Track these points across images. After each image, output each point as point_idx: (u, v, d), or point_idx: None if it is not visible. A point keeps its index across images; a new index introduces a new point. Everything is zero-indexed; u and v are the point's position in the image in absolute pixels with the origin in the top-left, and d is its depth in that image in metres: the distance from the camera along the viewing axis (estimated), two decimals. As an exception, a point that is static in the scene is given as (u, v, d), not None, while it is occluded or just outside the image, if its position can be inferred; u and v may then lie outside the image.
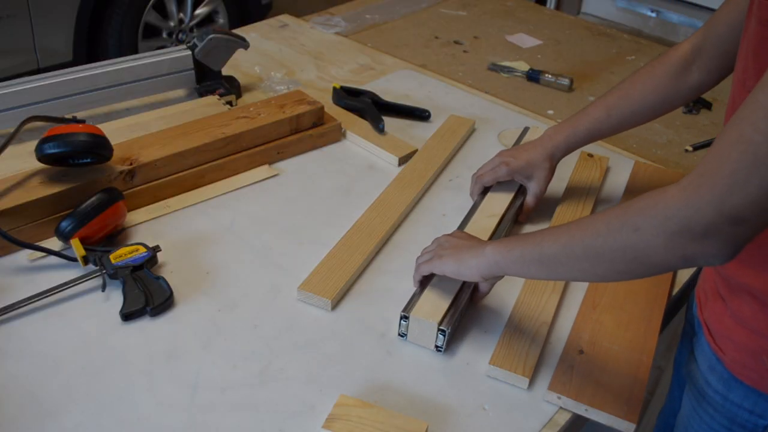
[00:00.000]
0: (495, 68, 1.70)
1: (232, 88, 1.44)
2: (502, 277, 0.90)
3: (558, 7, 3.02)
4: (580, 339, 0.94)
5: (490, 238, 1.06)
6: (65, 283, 0.97)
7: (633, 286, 1.03)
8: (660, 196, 0.69)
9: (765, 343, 0.83)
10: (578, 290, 1.03)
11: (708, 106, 1.59)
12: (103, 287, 0.97)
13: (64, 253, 1.02)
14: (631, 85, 1.10)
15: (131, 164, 1.11)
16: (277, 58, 1.66)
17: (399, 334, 0.94)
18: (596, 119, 1.12)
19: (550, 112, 1.54)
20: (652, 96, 1.08)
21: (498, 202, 1.14)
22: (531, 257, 0.82)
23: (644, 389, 0.88)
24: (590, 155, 1.32)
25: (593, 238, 0.74)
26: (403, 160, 1.30)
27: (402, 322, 0.92)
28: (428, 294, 0.94)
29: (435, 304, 0.92)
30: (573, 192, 1.23)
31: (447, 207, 1.20)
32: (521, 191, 1.17)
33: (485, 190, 1.18)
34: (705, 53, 1.02)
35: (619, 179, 1.30)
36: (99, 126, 1.13)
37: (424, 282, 0.95)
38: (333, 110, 1.41)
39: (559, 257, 0.78)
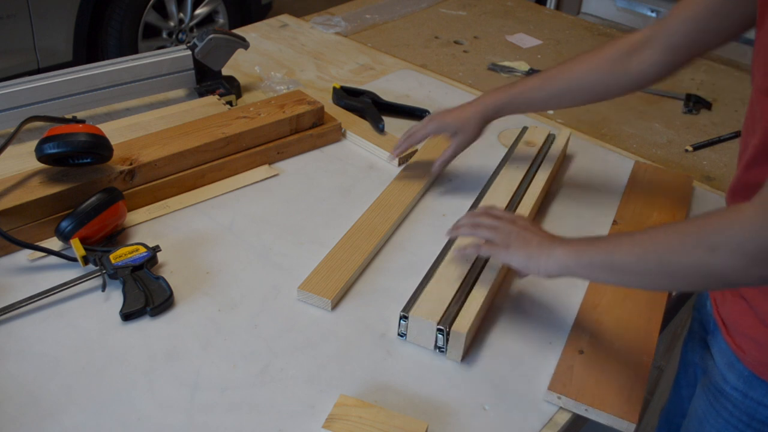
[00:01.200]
0: (495, 68, 1.70)
1: (232, 88, 1.44)
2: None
3: (558, 7, 3.02)
4: (580, 339, 0.94)
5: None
6: (65, 283, 0.97)
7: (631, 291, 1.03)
8: (737, 215, 0.68)
9: None
10: (578, 290, 1.03)
11: (708, 106, 1.59)
12: (103, 287, 0.97)
13: (64, 253, 1.02)
14: (573, 62, 1.09)
15: (131, 164, 1.11)
16: (277, 58, 1.66)
17: (399, 334, 0.94)
18: (531, 87, 1.13)
19: (550, 111, 1.54)
20: (588, 75, 1.07)
21: (501, 198, 1.14)
22: (602, 264, 0.81)
23: (644, 389, 0.88)
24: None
25: (668, 254, 0.74)
26: (403, 160, 1.30)
27: (401, 322, 0.92)
28: (428, 293, 0.94)
29: (435, 304, 0.92)
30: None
31: (447, 207, 1.20)
32: (528, 176, 1.20)
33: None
34: (654, 45, 1.00)
35: (619, 179, 1.30)
36: (99, 126, 1.13)
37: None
38: (333, 110, 1.41)
39: (632, 268, 0.78)
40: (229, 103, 1.40)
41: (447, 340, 0.90)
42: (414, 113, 1.44)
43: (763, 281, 0.69)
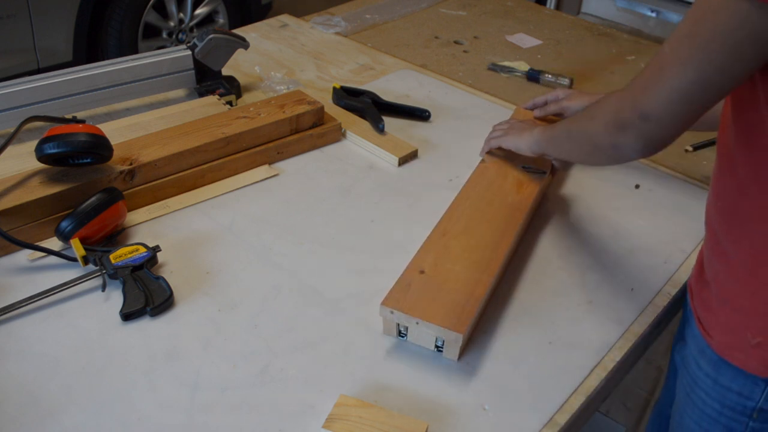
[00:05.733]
0: (495, 68, 1.70)
1: (232, 88, 1.44)
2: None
3: (558, 7, 3.02)
4: (423, 261, 0.96)
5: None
6: (65, 283, 0.97)
7: (488, 215, 1.06)
8: (612, 94, 0.86)
9: (747, 320, 0.85)
10: (579, 289, 1.03)
11: (708, 106, 1.59)
12: (103, 287, 0.97)
13: (64, 253, 1.02)
14: None
15: (131, 164, 1.11)
16: (277, 58, 1.66)
17: (399, 334, 0.94)
18: None
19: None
20: None
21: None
22: (551, 136, 1.04)
23: (478, 304, 0.90)
24: None
25: (576, 123, 0.96)
26: (403, 160, 1.30)
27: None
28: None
29: (434, 304, 0.93)
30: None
31: (447, 207, 1.20)
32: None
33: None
34: None
35: (619, 179, 1.29)
36: (99, 126, 1.13)
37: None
38: (333, 110, 1.41)
39: (561, 138, 1.01)
40: (229, 103, 1.40)
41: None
42: (414, 113, 1.44)
43: (616, 150, 0.85)
